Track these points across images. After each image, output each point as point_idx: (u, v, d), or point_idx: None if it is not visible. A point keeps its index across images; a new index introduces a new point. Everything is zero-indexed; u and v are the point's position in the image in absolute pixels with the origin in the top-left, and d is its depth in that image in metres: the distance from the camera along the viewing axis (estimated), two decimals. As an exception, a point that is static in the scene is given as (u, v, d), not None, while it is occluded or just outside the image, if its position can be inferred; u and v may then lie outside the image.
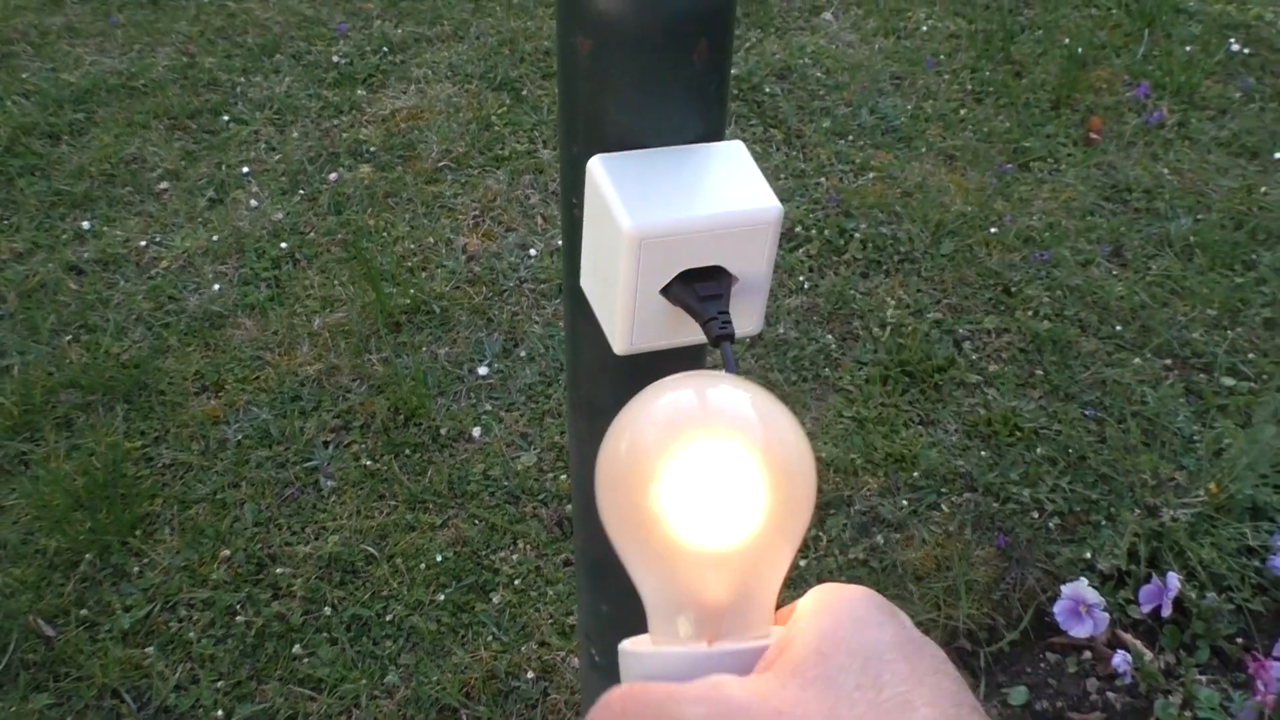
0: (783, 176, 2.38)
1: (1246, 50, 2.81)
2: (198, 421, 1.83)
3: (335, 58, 2.68)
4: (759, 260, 0.56)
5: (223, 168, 2.35)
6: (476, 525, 1.70)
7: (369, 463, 1.78)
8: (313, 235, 2.20)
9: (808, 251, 2.21)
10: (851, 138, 2.51)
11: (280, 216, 2.24)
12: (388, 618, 1.58)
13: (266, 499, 1.73)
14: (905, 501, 1.77)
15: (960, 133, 2.54)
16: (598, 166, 0.55)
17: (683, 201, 0.54)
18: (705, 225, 0.53)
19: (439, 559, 1.65)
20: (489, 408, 1.88)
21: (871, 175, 2.40)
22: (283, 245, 2.16)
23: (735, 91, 2.61)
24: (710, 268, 0.55)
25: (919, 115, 2.58)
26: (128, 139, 2.42)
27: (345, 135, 2.45)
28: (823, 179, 2.39)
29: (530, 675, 1.53)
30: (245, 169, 2.35)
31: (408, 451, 1.80)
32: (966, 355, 2.02)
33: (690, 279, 0.55)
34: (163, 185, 2.31)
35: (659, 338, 0.58)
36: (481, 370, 1.94)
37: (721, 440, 0.41)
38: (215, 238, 2.18)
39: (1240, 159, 2.49)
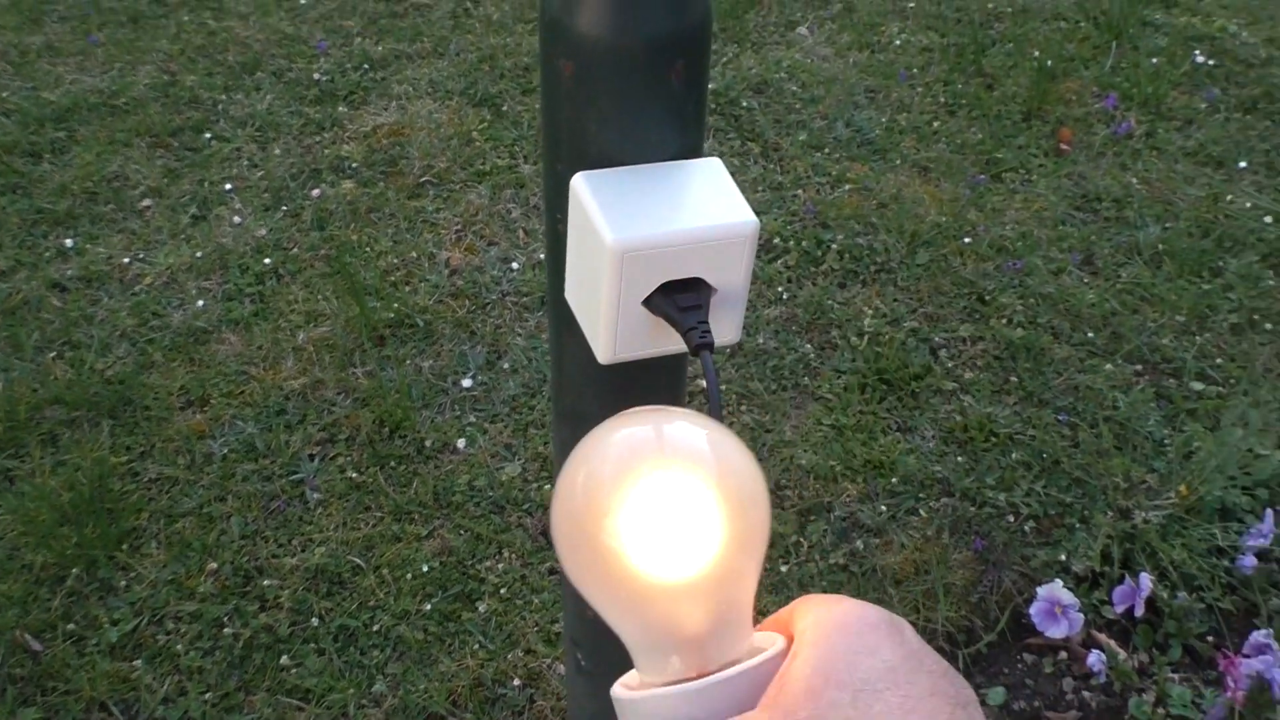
0: (760, 189, 2.41)
1: (1211, 62, 2.86)
2: (183, 436, 1.84)
3: (316, 75, 2.69)
4: (737, 272, 0.57)
5: (205, 185, 2.36)
6: (462, 535, 1.72)
7: (355, 475, 1.80)
8: (296, 251, 2.21)
9: (786, 262, 2.24)
10: (827, 150, 2.54)
11: (263, 232, 2.25)
12: (375, 628, 1.60)
13: (253, 512, 1.74)
14: (884, 507, 1.80)
15: (934, 145, 2.57)
16: (581, 183, 0.56)
17: (663, 216, 0.55)
18: (685, 239, 0.55)
19: (425, 569, 1.67)
20: (473, 419, 1.90)
21: (847, 187, 2.43)
22: (266, 261, 2.18)
23: (713, 106, 2.64)
24: (690, 279, 0.56)
25: (893, 128, 2.62)
26: (109, 157, 2.42)
27: (327, 152, 2.46)
28: (800, 191, 2.42)
29: (516, 683, 1.54)
30: (228, 186, 2.36)
31: (393, 463, 1.82)
32: (942, 363, 2.05)
33: (671, 290, 0.56)
34: (145, 202, 2.32)
35: (641, 347, 0.59)
36: (465, 382, 1.96)
37: (675, 472, 0.41)
38: (198, 254, 2.19)
39: (1206, 168, 2.54)
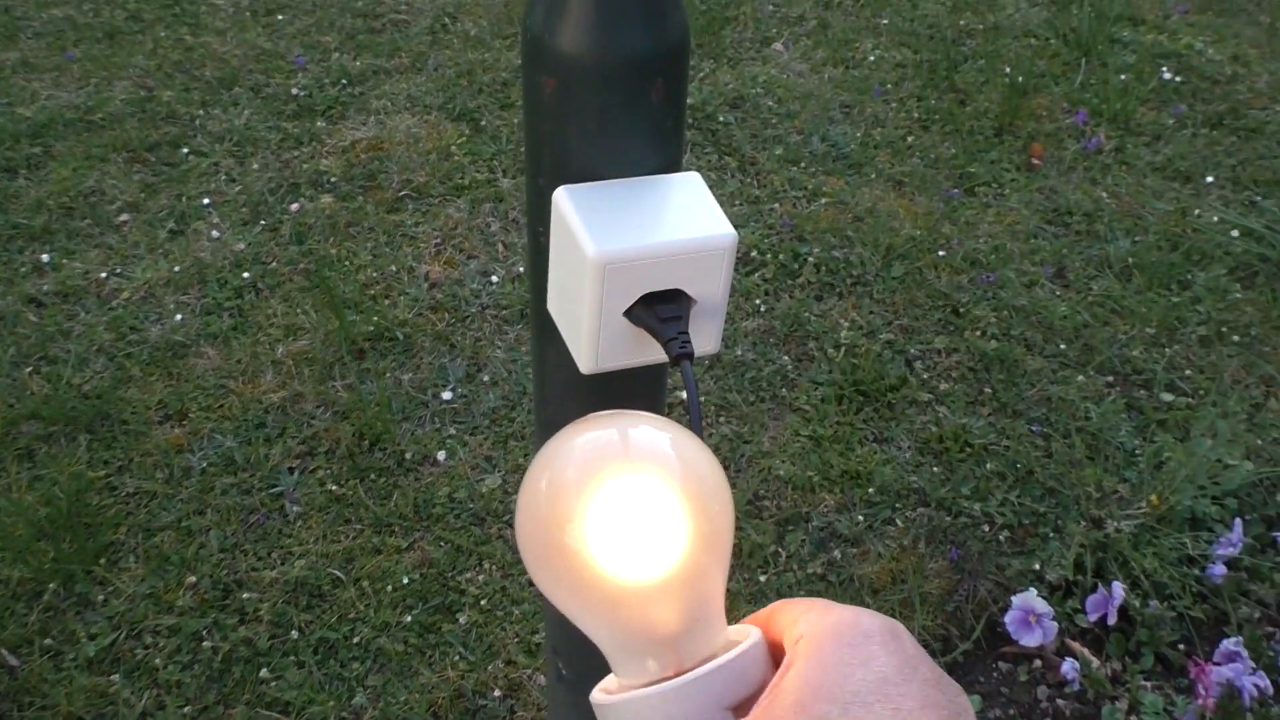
0: (738, 203, 2.43)
1: (1178, 78, 2.91)
2: (161, 450, 1.84)
3: (294, 90, 2.69)
4: (716, 284, 0.58)
5: (183, 199, 2.36)
6: (442, 547, 1.72)
7: (334, 488, 1.80)
8: (275, 265, 2.21)
9: (763, 275, 2.26)
10: (803, 165, 2.57)
11: (242, 247, 2.25)
12: (355, 640, 1.60)
13: (232, 525, 1.74)
14: (861, 517, 1.81)
15: (908, 159, 2.60)
16: (563, 197, 0.57)
17: (643, 229, 0.56)
18: (665, 251, 0.56)
19: (405, 581, 1.67)
20: (453, 432, 1.91)
21: (823, 201, 2.45)
22: (245, 275, 2.18)
23: (690, 121, 2.66)
24: (670, 291, 0.58)
25: (868, 142, 2.65)
26: (86, 172, 2.42)
27: (306, 166, 2.47)
28: (776, 205, 2.44)
29: (497, 694, 1.55)
30: (206, 200, 2.36)
31: (373, 476, 1.82)
32: (918, 374, 2.07)
33: (651, 302, 0.57)
34: (122, 217, 2.31)
35: (623, 358, 0.60)
36: (445, 395, 1.97)
37: (637, 473, 0.42)
38: (176, 268, 2.19)
39: (1174, 183, 2.58)
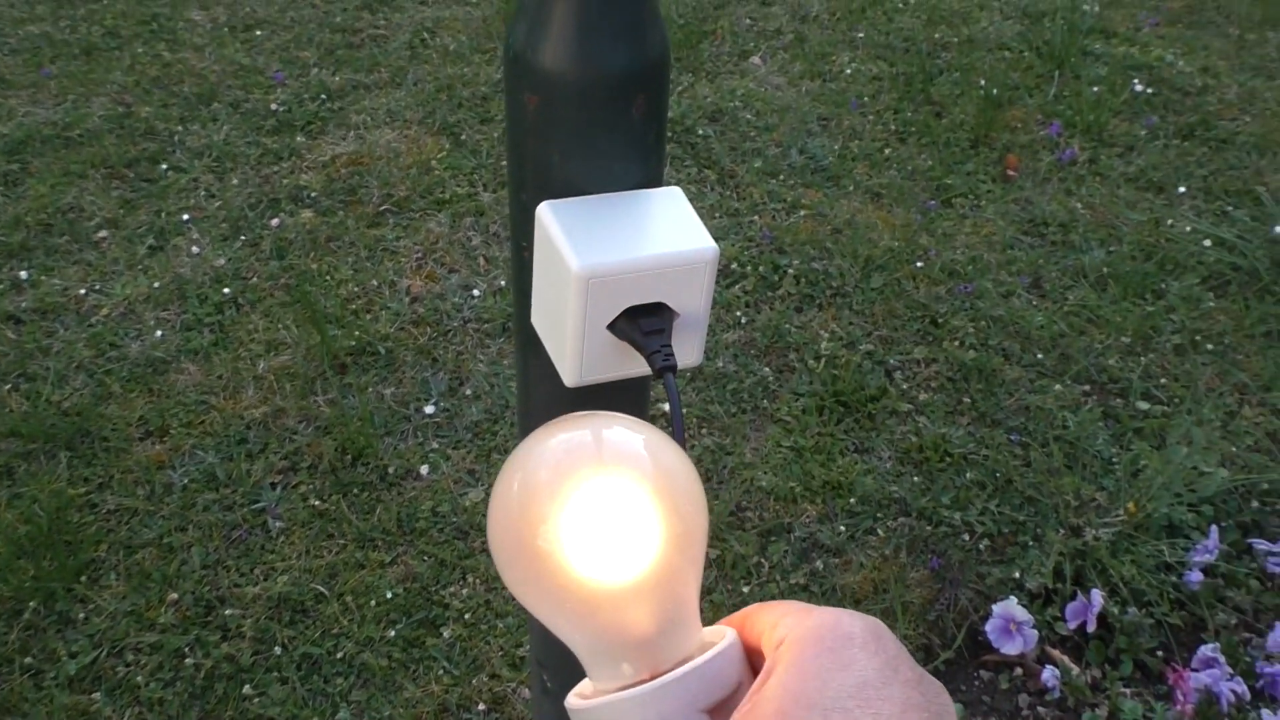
0: (717, 215, 2.45)
1: (1150, 90, 2.95)
2: (142, 467, 1.83)
3: (273, 105, 2.69)
4: (698, 297, 0.59)
5: (162, 215, 2.35)
6: (426, 561, 1.72)
7: (317, 503, 1.80)
8: (255, 280, 2.21)
9: (744, 287, 2.27)
10: (782, 177, 2.58)
11: (222, 262, 2.25)
12: (338, 655, 1.59)
13: (214, 541, 1.73)
14: (843, 527, 1.83)
15: (885, 171, 2.63)
16: (546, 212, 0.58)
17: (626, 243, 0.57)
18: (648, 265, 0.57)
19: (389, 595, 1.67)
20: (436, 446, 1.91)
21: (802, 213, 2.47)
22: (225, 290, 2.17)
23: (670, 134, 2.67)
24: (653, 304, 0.58)
25: (846, 155, 2.67)
26: (64, 188, 2.41)
27: (286, 181, 2.47)
28: (756, 217, 2.46)
29: (481, 707, 1.55)
30: (185, 216, 2.35)
31: (356, 491, 1.82)
32: (898, 385, 2.09)
33: (635, 315, 0.58)
34: (101, 234, 2.30)
35: (607, 370, 0.61)
36: (428, 409, 1.97)
37: (609, 474, 0.42)
38: (156, 284, 2.18)
39: (1147, 193, 2.61)
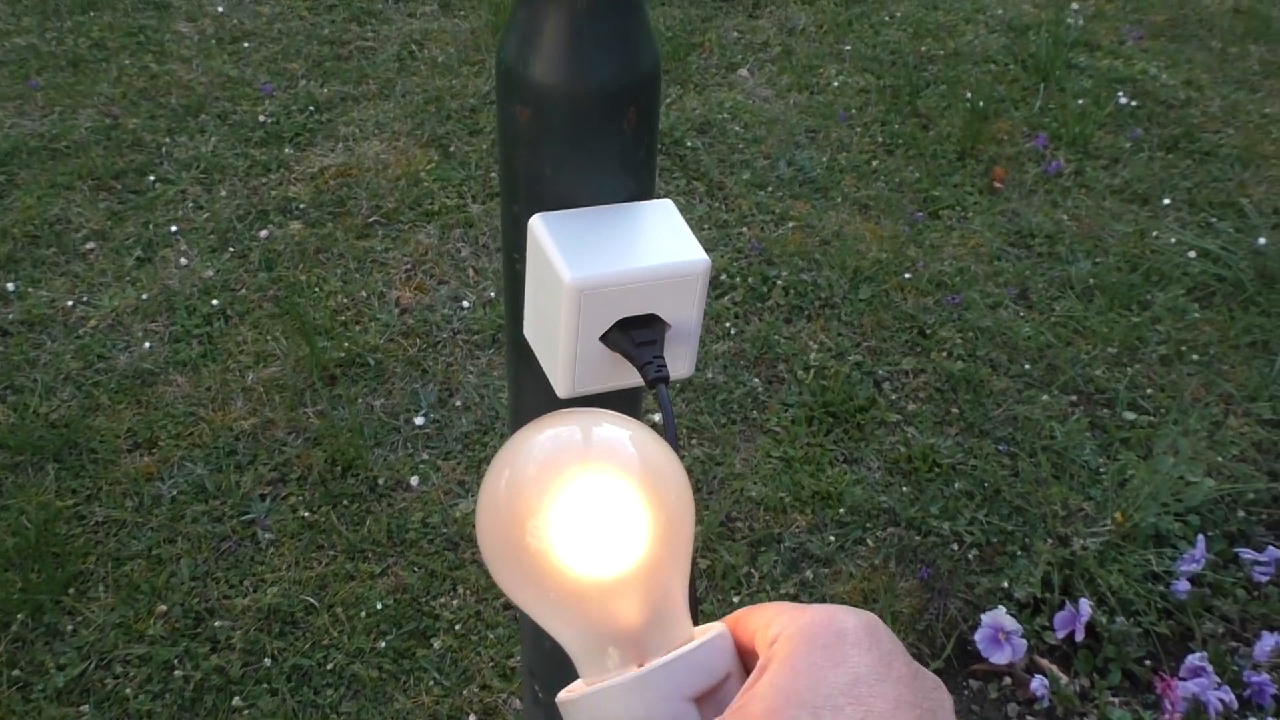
0: (706, 227, 2.46)
1: (1134, 103, 2.98)
2: (131, 479, 1.82)
3: (261, 117, 2.69)
4: (690, 308, 0.60)
5: (150, 227, 2.35)
6: (416, 572, 1.72)
7: (307, 514, 1.79)
8: (244, 292, 2.21)
9: (733, 299, 2.28)
10: (771, 189, 2.59)
11: (211, 274, 2.24)
12: (329, 666, 1.59)
13: (203, 553, 1.73)
14: (832, 537, 1.83)
15: (873, 183, 2.64)
16: (539, 224, 0.58)
17: (618, 255, 0.57)
18: (640, 277, 0.57)
19: (379, 607, 1.67)
20: (426, 457, 1.91)
21: (791, 225, 2.48)
22: (214, 302, 2.17)
23: (658, 146, 2.68)
24: (645, 316, 0.59)
25: (834, 167, 2.68)
26: (51, 200, 2.40)
27: (274, 193, 2.47)
28: (745, 229, 2.46)
29: (472, 718, 1.54)
30: (173, 228, 2.35)
31: (346, 502, 1.82)
32: (886, 395, 2.10)
33: (627, 326, 0.58)
34: (88, 245, 2.30)
35: (599, 381, 0.61)
36: (418, 420, 1.97)
37: (594, 468, 0.43)
38: (144, 296, 2.18)
39: (1133, 205, 2.63)
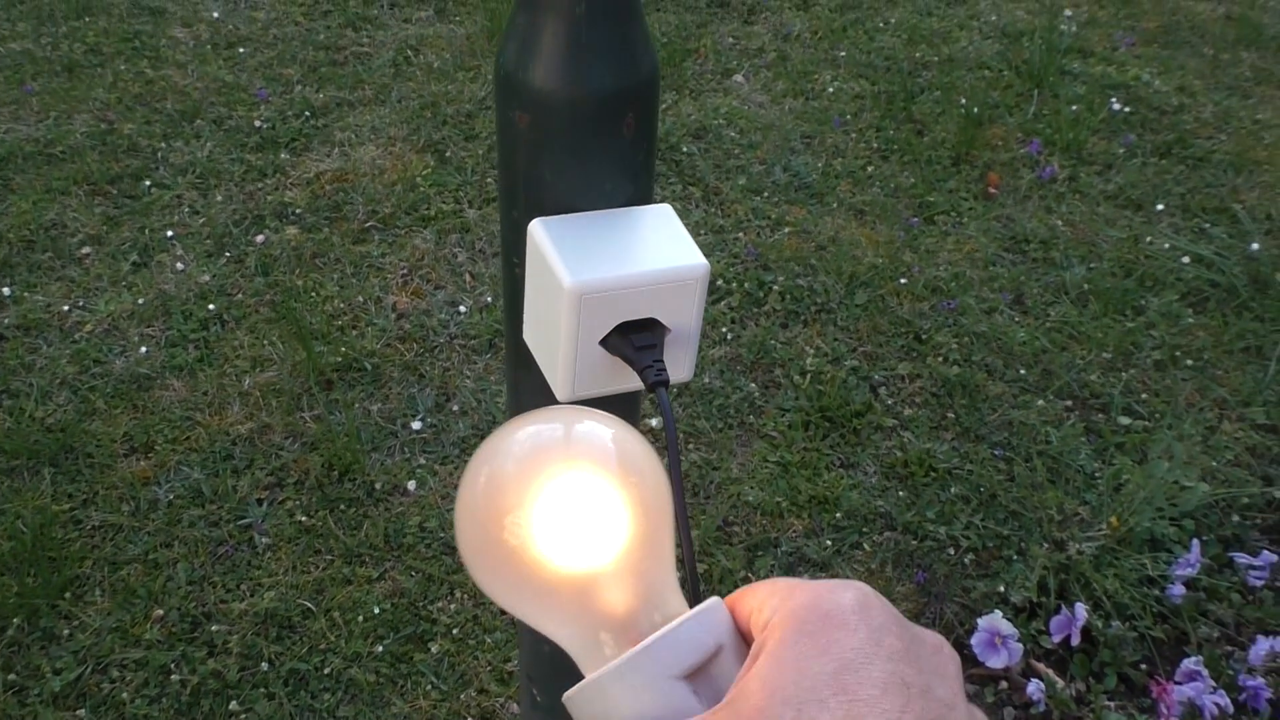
0: (703, 232, 2.46)
1: (1127, 109, 2.99)
2: (127, 483, 1.82)
3: (257, 122, 2.70)
4: (689, 313, 0.60)
5: (146, 232, 2.35)
6: (413, 577, 1.72)
7: (304, 519, 1.79)
8: (240, 296, 2.21)
9: (729, 304, 2.28)
10: (766, 194, 2.60)
11: (207, 279, 2.24)
12: (326, 671, 1.59)
13: (200, 558, 1.73)
14: (829, 542, 1.83)
15: (869, 188, 2.65)
16: (538, 229, 0.58)
17: (618, 260, 0.57)
18: (639, 281, 0.57)
19: (376, 611, 1.67)
20: (423, 461, 1.91)
21: (787, 230, 2.49)
22: (210, 307, 2.17)
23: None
24: (645, 320, 0.59)
25: (829, 172, 2.69)
26: (46, 205, 2.40)
27: (270, 198, 2.47)
28: (741, 234, 2.47)
29: (469, 724, 1.55)
30: (169, 233, 2.35)
31: (343, 506, 1.82)
32: (882, 400, 2.10)
33: (626, 331, 0.58)
34: (84, 250, 2.30)
35: (599, 385, 0.61)
36: (415, 425, 1.97)
37: (572, 463, 0.44)
38: (140, 301, 2.18)
39: (1126, 211, 2.64)
